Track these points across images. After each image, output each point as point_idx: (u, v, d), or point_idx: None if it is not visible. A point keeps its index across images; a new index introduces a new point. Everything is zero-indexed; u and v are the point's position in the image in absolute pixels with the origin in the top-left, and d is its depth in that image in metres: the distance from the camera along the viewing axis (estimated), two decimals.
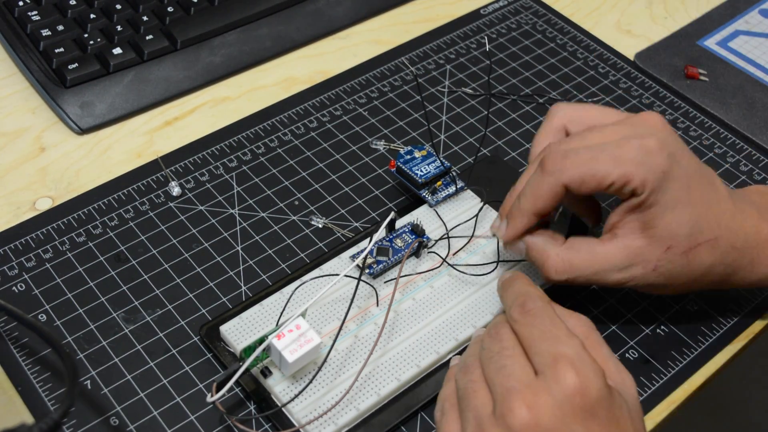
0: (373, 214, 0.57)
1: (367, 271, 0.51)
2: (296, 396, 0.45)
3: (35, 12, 0.66)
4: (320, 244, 0.55)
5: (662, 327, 0.52)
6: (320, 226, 0.56)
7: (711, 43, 0.71)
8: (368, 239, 0.51)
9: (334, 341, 0.47)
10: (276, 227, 0.56)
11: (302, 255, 0.55)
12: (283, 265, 0.54)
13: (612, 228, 0.48)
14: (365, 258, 0.50)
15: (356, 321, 0.49)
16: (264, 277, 0.53)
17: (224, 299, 0.52)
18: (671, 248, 0.46)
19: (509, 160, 0.61)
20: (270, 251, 0.55)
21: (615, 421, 0.39)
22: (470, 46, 0.70)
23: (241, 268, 0.54)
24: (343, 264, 0.52)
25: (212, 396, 0.45)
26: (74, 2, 0.67)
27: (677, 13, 0.75)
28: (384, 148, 0.62)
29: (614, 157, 0.45)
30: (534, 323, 0.42)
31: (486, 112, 0.65)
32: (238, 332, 0.48)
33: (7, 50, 0.66)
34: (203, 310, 0.52)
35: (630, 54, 0.70)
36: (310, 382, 0.46)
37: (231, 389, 0.46)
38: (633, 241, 0.46)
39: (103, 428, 0.46)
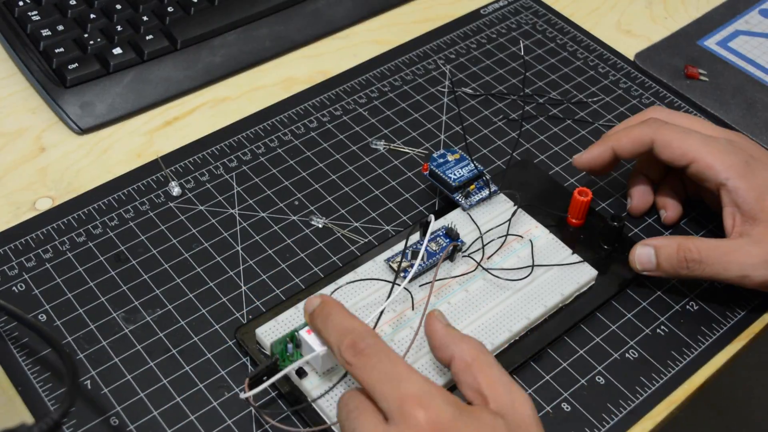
0: (373, 214, 0.57)
1: (402, 274, 0.51)
2: (328, 391, 0.45)
3: (35, 12, 0.66)
4: (320, 244, 0.55)
5: (662, 327, 0.52)
6: (320, 226, 0.56)
7: (711, 43, 0.71)
8: (404, 242, 0.52)
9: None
10: (276, 227, 0.56)
11: (302, 255, 0.55)
12: (283, 265, 0.54)
13: (732, 230, 0.51)
14: (400, 262, 0.50)
15: (392, 324, 0.49)
16: (264, 277, 0.53)
17: (224, 299, 0.52)
18: None
19: (509, 160, 0.61)
20: (270, 251, 0.55)
21: None
22: (470, 46, 0.70)
23: (241, 268, 0.54)
24: (377, 267, 0.52)
25: (245, 393, 0.44)
26: (74, 2, 0.67)
27: (677, 13, 0.75)
28: (384, 148, 0.62)
29: (704, 140, 0.51)
30: (372, 365, 0.40)
31: (515, 116, 0.65)
32: (273, 335, 0.48)
33: (7, 50, 0.66)
34: (203, 310, 0.52)
35: (630, 54, 0.70)
36: (343, 377, 0.46)
37: (264, 389, 0.46)
38: (743, 242, 0.49)
39: (103, 428, 0.46)
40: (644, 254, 0.51)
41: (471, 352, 0.42)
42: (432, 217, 0.51)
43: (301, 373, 0.47)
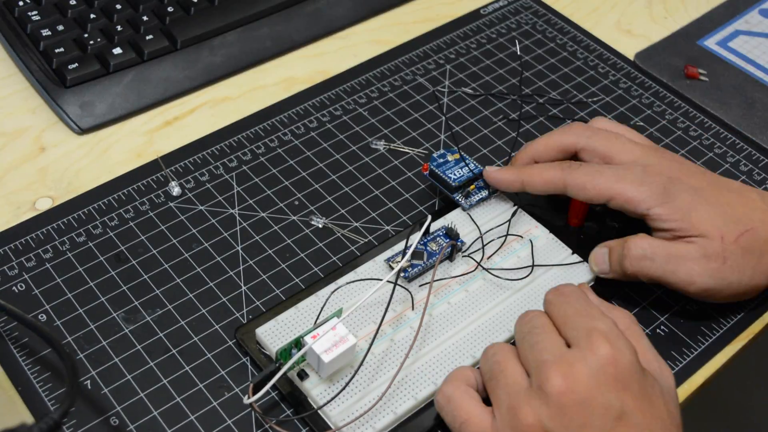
0: (373, 214, 0.57)
1: (402, 274, 0.51)
2: (334, 398, 0.45)
3: (35, 12, 0.66)
4: (320, 244, 0.55)
5: (662, 327, 0.52)
6: (320, 226, 0.56)
7: (711, 43, 0.71)
8: (405, 242, 0.52)
9: (371, 344, 0.46)
10: (276, 227, 0.56)
11: (302, 255, 0.55)
12: (283, 265, 0.54)
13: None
14: (401, 262, 0.49)
15: (392, 324, 0.49)
16: (264, 277, 0.53)
17: (224, 299, 0.52)
18: (724, 237, 0.48)
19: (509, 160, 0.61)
20: (270, 251, 0.55)
21: (647, 397, 0.41)
22: (470, 46, 0.70)
23: (241, 268, 0.54)
24: (377, 267, 0.52)
25: (249, 398, 0.44)
26: (74, 2, 0.67)
27: (677, 13, 0.75)
28: (384, 148, 0.62)
29: (617, 175, 0.51)
30: (569, 302, 0.44)
31: (514, 116, 0.65)
32: (273, 335, 0.48)
33: (7, 50, 0.66)
34: (203, 310, 0.52)
35: (630, 54, 0.70)
36: (348, 383, 0.46)
37: (266, 392, 0.46)
38: (692, 248, 0.49)
39: (103, 428, 0.46)
40: (599, 255, 0.52)
41: (622, 321, 0.45)
42: (430, 217, 0.51)
43: (302, 375, 0.47)
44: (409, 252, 0.49)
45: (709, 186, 0.51)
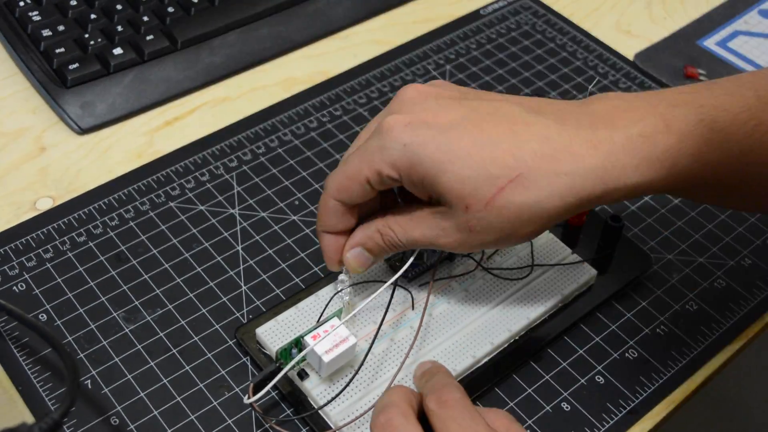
0: None
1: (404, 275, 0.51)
2: (334, 398, 0.45)
3: (36, 12, 0.66)
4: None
5: (662, 327, 0.52)
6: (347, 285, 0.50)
7: (710, 43, 0.72)
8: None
9: (371, 344, 0.46)
10: (276, 227, 0.56)
11: (302, 255, 0.55)
12: (283, 265, 0.54)
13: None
14: (403, 263, 0.48)
15: (392, 324, 0.49)
16: (264, 276, 0.54)
17: (224, 299, 0.52)
18: (469, 207, 0.41)
19: None
20: (270, 251, 0.55)
21: None
22: (470, 47, 0.70)
23: (242, 268, 0.54)
24: (378, 267, 0.52)
25: (249, 398, 0.44)
26: (75, 2, 0.67)
27: (677, 13, 0.75)
28: None
29: (360, 154, 0.43)
30: (453, 416, 0.40)
31: None
32: (274, 335, 0.48)
33: (8, 50, 0.66)
34: (203, 310, 0.52)
35: (629, 54, 0.70)
36: (348, 384, 0.46)
37: (267, 392, 0.46)
38: (433, 219, 0.44)
39: (103, 428, 0.46)
40: (357, 255, 0.47)
41: (501, 421, 0.41)
42: None
43: (302, 375, 0.47)
44: (412, 258, 0.48)
45: (466, 120, 0.42)
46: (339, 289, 0.48)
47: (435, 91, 0.44)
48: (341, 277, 0.49)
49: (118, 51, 0.64)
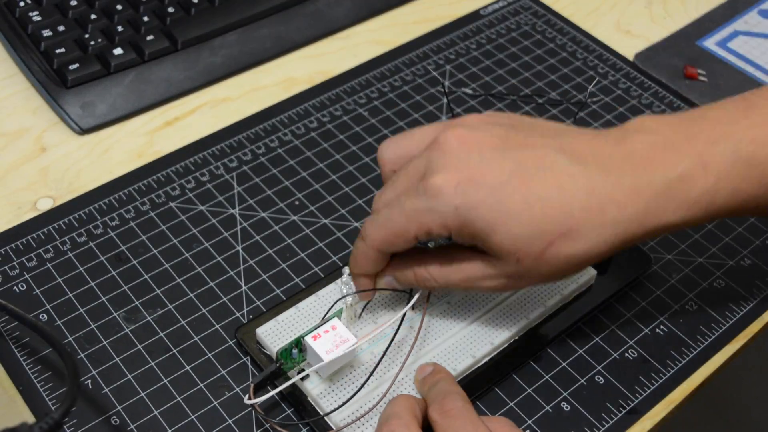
0: None
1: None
2: (341, 406, 0.45)
3: (36, 12, 0.66)
4: (320, 244, 0.55)
5: (661, 327, 0.52)
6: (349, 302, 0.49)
7: (710, 43, 0.72)
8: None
9: (385, 349, 0.47)
10: (276, 227, 0.56)
11: (302, 255, 0.55)
12: (284, 265, 0.54)
13: None
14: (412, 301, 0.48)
15: (392, 325, 0.49)
16: (264, 276, 0.54)
17: (224, 299, 0.52)
18: (520, 260, 0.43)
19: None
20: (270, 251, 0.55)
21: None
22: (470, 47, 0.70)
23: (242, 268, 0.54)
24: None
25: (250, 399, 0.44)
26: (75, 3, 0.67)
27: (677, 13, 0.75)
28: None
29: (408, 213, 0.43)
30: (456, 426, 0.41)
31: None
32: (274, 335, 0.48)
33: (8, 50, 0.66)
34: (203, 310, 0.52)
35: (629, 54, 0.71)
36: (357, 392, 0.45)
37: (266, 392, 0.46)
38: (479, 266, 0.45)
39: (103, 428, 0.46)
40: (387, 283, 0.48)
41: (503, 429, 0.42)
42: None
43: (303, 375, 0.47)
44: (416, 296, 0.48)
45: (514, 177, 0.42)
46: (345, 294, 0.48)
47: (476, 138, 0.44)
48: (344, 278, 0.49)
49: (118, 51, 0.64)
